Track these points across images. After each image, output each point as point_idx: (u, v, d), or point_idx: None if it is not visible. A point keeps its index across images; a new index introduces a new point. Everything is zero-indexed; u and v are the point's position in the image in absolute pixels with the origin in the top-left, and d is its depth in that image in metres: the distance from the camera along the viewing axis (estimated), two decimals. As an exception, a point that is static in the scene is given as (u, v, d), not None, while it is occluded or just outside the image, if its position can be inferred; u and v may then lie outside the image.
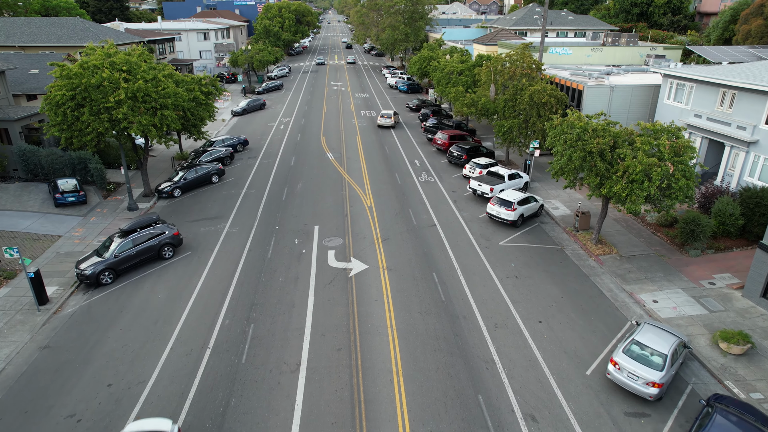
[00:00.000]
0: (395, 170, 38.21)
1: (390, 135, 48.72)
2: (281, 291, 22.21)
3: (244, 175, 37.59)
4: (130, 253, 24.01)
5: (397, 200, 32.29)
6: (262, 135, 49.18)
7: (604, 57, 48.66)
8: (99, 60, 27.81)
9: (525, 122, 35.65)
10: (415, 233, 27.72)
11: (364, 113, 58.21)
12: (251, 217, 30.01)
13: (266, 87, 74.17)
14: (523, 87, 35.97)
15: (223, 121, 56.37)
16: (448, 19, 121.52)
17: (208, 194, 34.22)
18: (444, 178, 36.78)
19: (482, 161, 36.48)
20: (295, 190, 34.06)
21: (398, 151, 43.29)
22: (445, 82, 49.89)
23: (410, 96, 70.25)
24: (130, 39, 56.73)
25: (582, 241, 27.60)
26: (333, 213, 30.36)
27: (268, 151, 43.47)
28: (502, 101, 36.78)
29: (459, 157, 38.93)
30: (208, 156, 39.41)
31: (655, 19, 79.40)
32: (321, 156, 41.79)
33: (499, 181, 32.75)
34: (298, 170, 38.21)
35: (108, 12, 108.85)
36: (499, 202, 28.84)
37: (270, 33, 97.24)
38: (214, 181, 36.24)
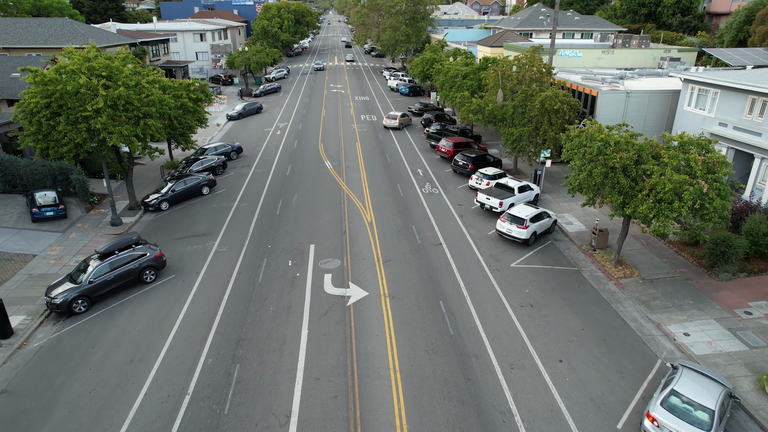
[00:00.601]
0: (397, 180, 36.03)
1: (391, 141, 46.55)
2: (272, 323, 20.03)
3: (236, 186, 35.41)
4: (107, 278, 21.83)
5: (400, 215, 30.11)
6: (257, 141, 47.01)
7: (616, 60, 46.49)
8: (77, 65, 25.62)
9: (535, 130, 33.47)
10: (420, 253, 25.53)
11: (365, 117, 56.04)
12: (242, 234, 27.83)
13: (264, 90, 72.03)
14: (534, 93, 33.80)
15: (218, 126, 54.22)
16: (450, 20, 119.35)
17: (198, 207, 32.06)
18: (449, 190, 34.59)
19: (489, 171, 34.31)
20: (290, 204, 31.87)
21: (400, 159, 41.12)
22: (449, 86, 47.71)
23: (412, 99, 68.07)
24: (121, 40, 54.60)
25: (600, 262, 25.41)
26: (330, 230, 28.18)
27: (263, 159, 41.29)
28: (511, 108, 34.60)
29: (464, 167, 36.75)
30: (199, 165, 37.24)
31: (664, 20, 77.21)
32: (319, 165, 39.60)
33: (509, 194, 30.56)
34: (294, 181, 36.03)
35: (103, 12, 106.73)
36: (510, 219, 26.66)
37: (268, 34, 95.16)
38: (204, 192, 34.07)
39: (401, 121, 52.02)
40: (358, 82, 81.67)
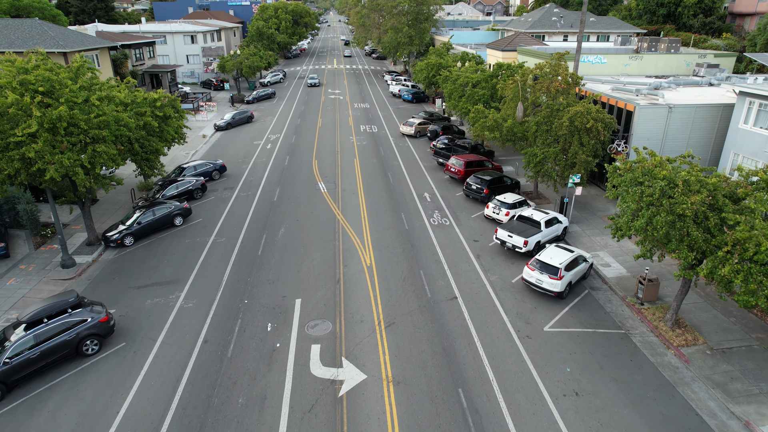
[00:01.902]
0: (401, 208, 31.18)
1: (394, 157, 41.67)
2: (239, 425, 15.20)
3: (215, 215, 30.59)
4: (30, 355, 17.02)
5: (405, 256, 25.26)
6: (244, 157, 42.18)
7: (644, 66, 41.67)
8: (6, 77, 20.78)
9: (563, 151, 28.61)
10: (431, 312, 20.68)
11: (364, 128, 51.19)
12: (215, 283, 23.00)
13: (257, 95, 67.26)
14: (561, 107, 28.96)
15: (204, 138, 49.43)
16: (454, 21, 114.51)
17: (168, 243, 27.26)
18: (461, 220, 29.75)
19: (509, 199, 29.47)
20: (276, 240, 27.04)
21: (404, 180, 36.26)
22: (458, 95, 42.88)
23: (416, 107, 63.20)
24: (97, 44, 49.81)
25: (652, 322, 20.56)
26: (321, 277, 23.33)
27: (248, 180, 36.45)
28: (534, 125, 29.73)
29: (478, 192, 31.92)
30: (174, 189, 32.42)
31: (684, 21, 72.29)
32: (311, 187, 34.75)
33: (535, 230, 25.70)
34: (281, 209, 31.19)
35: (92, 12, 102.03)
36: (540, 267, 21.81)
37: (263, 35, 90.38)
38: (177, 223, 29.26)
39: (418, 129, 47.45)
40: (357, 86, 76.85)
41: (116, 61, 54.49)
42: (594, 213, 31.35)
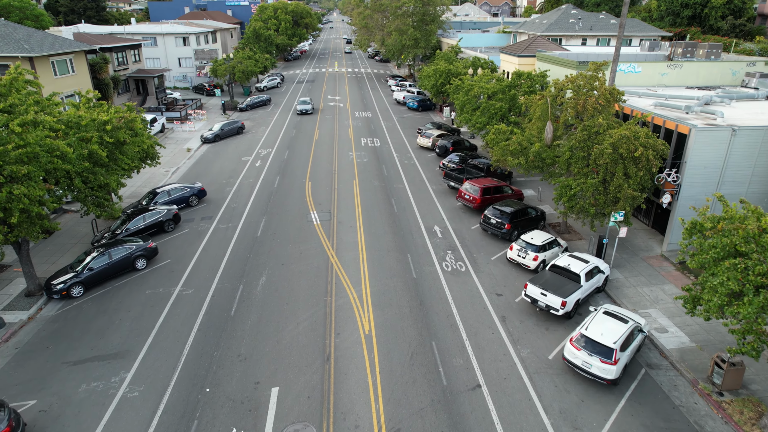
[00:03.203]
0: (407, 247, 26.24)
1: (399, 179, 36.71)
2: None
3: (186, 255, 25.73)
4: None
5: (413, 318, 20.32)
6: (229, 176, 37.31)
7: (684, 76, 36.63)
8: None
9: (603, 183, 23.63)
10: (447, 410, 15.72)
11: (365, 142, 46.27)
12: (172, 358, 18.13)
13: (250, 102, 62.45)
14: (600, 129, 23.99)
15: (189, 152, 44.63)
16: (461, 22, 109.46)
17: (125, 293, 22.42)
18: (480, 264, 24.79)
19: (537, 238, 24.52)
20: (254, 293, 22.14)
21: (410, 208, 31.32)
22: (471, 107, 37.92)
23: (421, 116, 58.24)
24: (72, 47, 45.08)
25: (743, 427, 15.57)
26: (307, 351, 18.42)
27: (230, 208, 31.57)
28: (567, 150, 24.73)
29: (499, 227, 26.96)
30: (141, 221, 27.57)
31: (711, 23, 67.09)
32: (302, 218, 29.85)
33: (573, 286, 20.73)
34: (265, 248, 26.29)
35: (82, 12, 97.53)
36: (589, 346, 16.85)
37: (260, 37, 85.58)
38: (139, 267, 24.41)
39: (435, 141, 42.80)
40: (359, 92, 71.94)
41: (95, 66, 49.77)
42: (635, 253, 26.36)
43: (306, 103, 58.42)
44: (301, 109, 57.62)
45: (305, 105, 58.06)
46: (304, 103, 58.29)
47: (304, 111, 57.61)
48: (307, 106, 57.86)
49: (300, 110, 57.53)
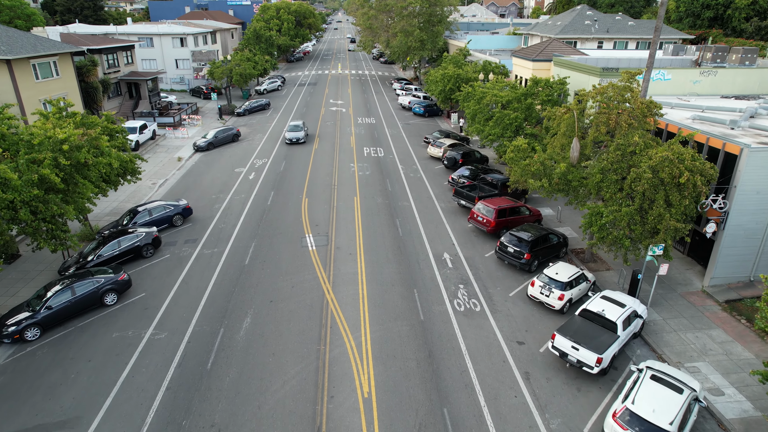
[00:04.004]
0: (414, 280, 23.14)
1: (404, 195, 33.61)
2: None
3: (163, 287, 22.74)
4: None
5: (421, 377, 17.20)
6: (220, 191, 34.32)
7: (719, 83, 33.40)
8: None
9: (640, 211, 20.47)
10: None
11: (368, 152, 43.20)
12: (131, 431, 15.12)
13: (248, 107, 59.52)
14: (637, 149, 20.84)
15: (179, 161, 41.72)
16: (468, 23, 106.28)
17: (88, 337, 19.45)
18: (496, 301, 21.67)
19: (562, 273, 21.39)
20: (236, 340, 19.09)
21: (417, 231, 28.23)
22: (483, 117, 34.78)
23: (428, 122, 55.11)
24: (57, 48, 42.25)
25: None
26: (293, 421, 15.35)
27: (218, 229, 28.57)
28: (598, 173, 21.54)
29: (518, 257, 23.84)
30: (115, 247, 24.57)
31: (734, 25, 63.62)
32: (296, 242, 26.81)
33: (609, 336, 17.60)
34: (253, 280, 23.25)
35: (79, 11, 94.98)
36: (636, 424, 13.72)
37: (261, 38, 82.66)
38: (107, 302, 21.45)
39: (446, 151, 39.99)
40: (362, 96, 68.88)
41: (82, 69, 46.94)
42: (672, 287, 23.18)
43: (298, 128, 45.51)
44: (292, 137, 44.58)
45: (296, 132, 45.13)
46: (296, 129, 45.50)
47: (294, 140, 44.61)
48: (299, 134, 44.83)
49: (290, 138, 44.68)
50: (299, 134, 45.13)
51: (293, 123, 47.10)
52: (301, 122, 47.26)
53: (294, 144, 45.12)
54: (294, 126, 46.49)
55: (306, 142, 45.48)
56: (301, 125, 46.37)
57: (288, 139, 45.03)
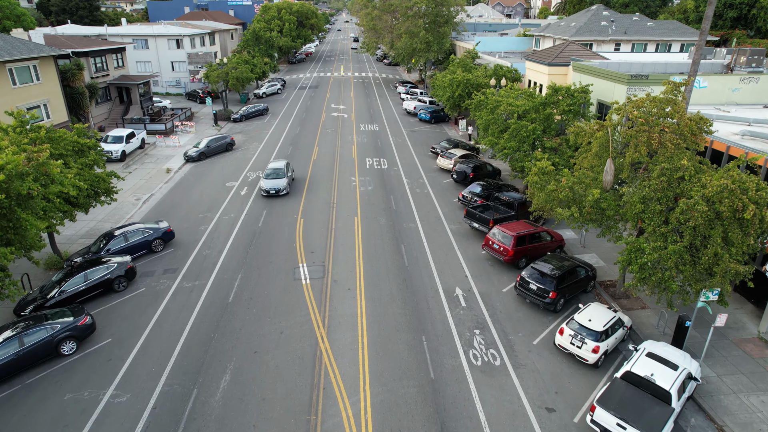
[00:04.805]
0: (421, 324, 19.99)
1: (410, 216, 30.49)
2: None
3: (133, 331, 19.68)
4: None
5: (431, 457, 14.10)
6: (208, 209, 31.28)
7: (761, 91, 30.12)
8: None
9: (690, 249, 17.26)
10: None
11: (371, 163, 40.09)
12: None
13: (245, 112, 56.55)
14: (686, 175, 17.65)
15: (168, 173, 38.75)
16: (476, 24, 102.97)
17: (35, 400, 16.40)
18: (518, 352, 18.52)
19: (596, 320, 18.23)
20: (210, 405, 15.99)
21: (424, 259, 25.10)
22: (497, 129, 31.59)
23: (435, 129, 51.95)
24: (37, 52, 39.38)
25: None
26: None
27: (201, 256, 25.52)
28: (638, 200, 18.31)
29: (541, 295, 20.68)
30: (80, 281, 21.54)
31: (759, 25, 60.15)
32: (288, 273, 23.71)
33: (663, 411, 14.40)
34: (236, 323, 20.15)
35: (74, 12, 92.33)
36: None
37: (260, 39, 79.66)
38: (64, 352, 18.42)
39: (457, 163, 37.04)
40: (366, 100, 65.77)
41: (66, 73, 44.09)
42: (725, 335, 19.95)
43: (278, 174, 33.05)
44: (270, 188, 32.24)
45: (276, 179, 32.65)
46: (276, 175, 33.05)
47: (273, 191, 32.27)
48: (279, 182, 32.38)
49: (267, 189, 32.24)
50: (279, 183, 32.52)
51: (273, 165, 34.33)
52: (284, 163, 34.52)
53: (273, 196, 32.57)
54: (273, 170, 33.62)
55: (289, 193, 33.18)
56: (283, 168, 33.78)
57: (265, 190, 32.31)
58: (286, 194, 33.02)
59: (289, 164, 35.29)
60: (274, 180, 33.02)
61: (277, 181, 32.96)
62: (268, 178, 33.19)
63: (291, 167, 35.69)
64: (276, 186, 32.59)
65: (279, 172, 33.72)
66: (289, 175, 34.19)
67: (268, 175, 33.48)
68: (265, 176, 33.54)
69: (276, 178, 33.17)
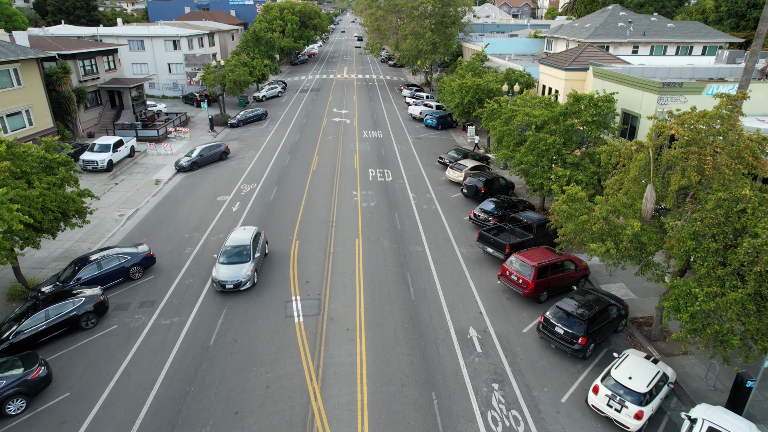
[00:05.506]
0: (431, 376, 17.20)
1: (417, 237, 27.71)
2: None
3: (97, 382, 16.99)
4: None
5: None
6: (195, 228, 28.60)
7: (806, 102, 27.27)
8: None
9: (754, 297, 14.40)
10: None
11: (374, 174, 37.33)
12: None
13: (243, 117, 53.91)
14: (749, 207, 14.80)
15: (157, 185, 36.14)
16: (483, 24, 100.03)
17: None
18: (545, 413, 15.71)
19: (639, 377, 15.42)
20: (177, 488, 13.32)
21: (432, 291, 22.32)
22: (513, 141, 28.79)
23: (442, 136, 49.16)
24: (17, 54, 36.85)
25: None
26: None
27: (184, 285, 22.82)
28: (688, 236, 15.45)
29: (569, 341, 17.88)
30: (41, 320, 18.89)
31: (784, 28, 56.80)
32: (279, 309, 20.95)
33: None
34: (216, 371, 17.42)
35: (71, 12, 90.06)
36: None
37: (261, 40, 77.09)
38: (9, 412, 15.70)
39: (468, 175, 34.30)
40: (369, 104, 63.01)
41: (51, 77, 41.56)
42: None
43: (240, 255, 22.52)
44: (226, 280, 21.55)
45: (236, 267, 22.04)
46: (237, 257, 22.46)
47: (231, 284, 21.58)
48: (240, 272, 21.85)
49: (222, 281, 21.54)
50: (240, 272, 21.70)
51: (235, 238, 23.40)
52: (251, 233, 23.75)
53: (231, 292, 21.85)
54: (234, 249, 22.68)
55: (255, 284, 22.32)
56: (248, 245, 22.88)
57: (218, 282, 21.52)
58: (250, 288, 21.94)
59: (259, 235, 24.52)
60: (233, 267, 21.85)
61: (238, 268, 21.79)
62: (225, 263, 22.12)
63: (263, 239, 24.81)
64: (234, 278, 21.51)
65: (242, 251, 22.55)
66: (257, 257, 22.83)
67: (225, 257, 22.37)
68: (222, 257, 22.40)
69: (237, 262, 22.15)
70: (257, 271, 23.09)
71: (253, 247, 23.26)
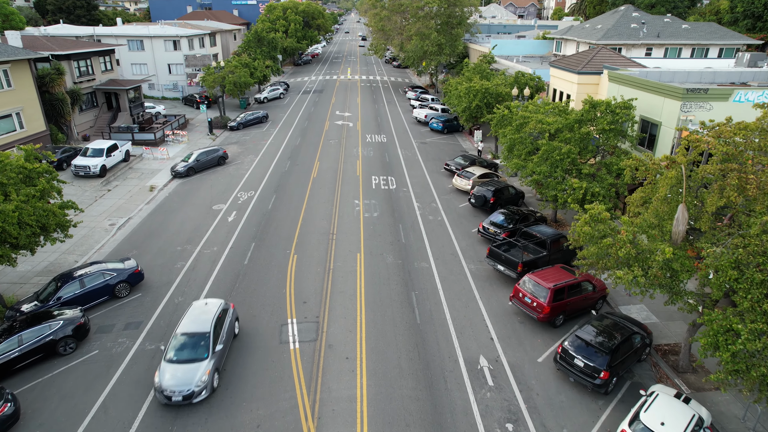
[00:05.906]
0: (440, 414, 15.57)
1: (423, 252, 26.07)
2: None
3: (69, 419, 15.44)
4: None
5: None
6: (187, 241, 27.06)
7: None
8: None
9: (806, 336, 12.71)
10: None
11: (377, 182, 35.73)
12: None
13: (243, 120, 52.45)
14: (798, 235, 13.11)
15: (151, 191, 34.66)
16: (489, 25, 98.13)
17: None
18: (567, 461, 14.08)
19: (671, 423, 13.75)
20: None
21: (439, 314, 20.69)
22: (525, 150, 27.12)
23: (447, 140, 47.50)
24: (7, 55, 35.45)
25: None
26: None
27: (172, 305, 21.28)
28: (729, 265, 13.78)
29: (590, 375, 16.23)
30: (13, 346, 17.36)
31: (803, 29, 55.04)
32: (274, 334, 19.38)
33: None
34: (202, 411, 15.81)
35: (71, 11, 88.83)
36: None
37: (263, 40, 75.58)
38: (-24, 453, 14.15)
39: (476, 184, 32.88)
40: (373, 107, 61.40)
41: (44, 78, 40.15)
42: (830, 432, 15.34)
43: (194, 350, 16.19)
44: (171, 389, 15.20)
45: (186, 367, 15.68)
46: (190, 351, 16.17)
47: (178, 395, 15.19)
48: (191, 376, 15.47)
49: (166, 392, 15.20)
50: (189, 376, 15.52)
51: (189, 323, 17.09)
52: (213, 315, 17.32)
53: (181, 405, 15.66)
54: (188, 338, 16.57)
55: (213, 393, 16.03)
56: (207, 331, 16.67)
57: (160, 391, 15.37)
58: (206, 398, 15.70)
59: (227, 311, 18.26)
60: (182, 368, 15.71)
61: (189, 370, 15.69)
62: (172, 361, 15.95)
63: (232, 315, 18.49)
64: (181, 385, 15.35)
65: (197, 343, 16.40)
66: (218, 350, 16.51)
67: (176, 351, 16.24)
68: (170, 352, 16.26)
69: (189, 359, 15.99)
70: (219, 370, 16.31)
71: (215, 336, 16.57)
